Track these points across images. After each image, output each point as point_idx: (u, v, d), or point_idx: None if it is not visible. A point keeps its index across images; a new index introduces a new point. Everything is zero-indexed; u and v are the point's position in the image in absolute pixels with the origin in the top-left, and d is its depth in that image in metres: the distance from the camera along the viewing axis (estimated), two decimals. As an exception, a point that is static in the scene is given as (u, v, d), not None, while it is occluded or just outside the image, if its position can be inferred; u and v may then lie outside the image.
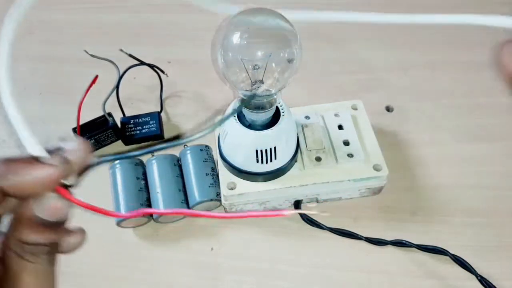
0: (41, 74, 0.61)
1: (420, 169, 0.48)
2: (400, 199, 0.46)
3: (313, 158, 0.44)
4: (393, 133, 0.52)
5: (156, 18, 0.68)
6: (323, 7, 0.66)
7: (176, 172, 0.46)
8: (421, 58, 0.59)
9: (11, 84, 0.23)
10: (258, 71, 0.36)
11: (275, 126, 0.40)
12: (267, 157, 0.41)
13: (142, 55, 0.57)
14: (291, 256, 0.43)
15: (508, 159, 0.49)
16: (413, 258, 0.42)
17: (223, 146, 0.44)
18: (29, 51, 0.63)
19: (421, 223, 0.45)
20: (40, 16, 0.69)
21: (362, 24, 0.64)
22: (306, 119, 0.46)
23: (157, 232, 0.46)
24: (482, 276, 0.40)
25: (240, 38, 0.35)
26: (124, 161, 0.46)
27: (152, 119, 0.52)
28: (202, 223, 0.46)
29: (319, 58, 0.59)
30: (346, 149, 0.44)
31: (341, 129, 0.46)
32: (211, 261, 0.44)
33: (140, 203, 0.44)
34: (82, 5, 0.70)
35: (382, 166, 0.44)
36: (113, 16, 0.68)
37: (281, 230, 0.45)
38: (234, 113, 0.40)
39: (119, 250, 0.45)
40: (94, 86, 0.53)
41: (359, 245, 0.43)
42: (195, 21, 0.66)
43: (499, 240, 0.43)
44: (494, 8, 0.64)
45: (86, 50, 0.60)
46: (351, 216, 0.45)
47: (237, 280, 0.42)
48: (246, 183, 0.43)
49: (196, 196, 0.44)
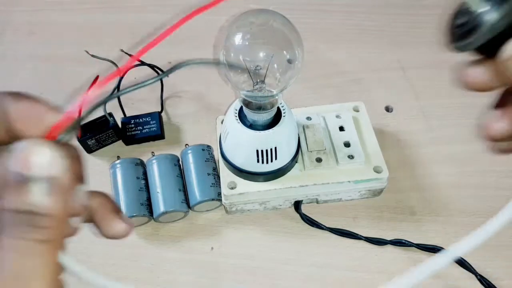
0: (42, 74, 0.61)
1: (420, 169, 0.48)
2: (400, 199, 0.46)
3: (314, 159, 0.44)
4: (393, 133, 0.52)
5: (156, 18, 0.68)
6: (323, 8, 0.67)
7: (176, 172, 0.46)
8: (421, 58, 0.60)
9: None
10: (260, 71, 0.36)
11: (276, 126, 0.40)
12: (268, 157, 0.41)
13: (142, 55, 0.57)
14: (291, 256, 0.44)
15: (508, 159, 0.49)
16: (413, 257, 0.43)
17: (224, 146, 0.44)
18: (30, 52, 0.64)
19: (421, 223, 0.45)
20: (41, 16, 0.69)
21: (362, 24, 0.64)
22: (307, 120, 0.46)
23: (157, 231, 0.46)
24: (482, 276, 0.40)
25: (242, 39, 0.35)
26: (125, 161, 0.46)
27: (152, 119, 0.52)
28: (202, 223, 0.46)
29: (320, 58, 0.60)
30: (347, 151, 0.44)
31: (342, 131, 0.46)
32: (211, 260, 0.44)
33: (140, 203, 0.44)
34: (83, 6, 0.70)
35: (382, 168, 0.44)
36: (113, 17, 0.68)
37: (281, 230, 0.45)
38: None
39: (119, 250, 0.45)
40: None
41: (359, 245, 0.44)
42: (196, 21, 0.66)
43: (499, 239, 0.43)
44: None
45: (87, 51, 0.60)
46: (350, 216, 0.46)
47: (237, 280, 0.42)
48: (246, 183, 0.43)
49: (197, 196, 0.44)
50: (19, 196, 0.16)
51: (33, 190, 0.16)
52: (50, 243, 0.17)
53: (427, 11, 0.65)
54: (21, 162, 0.16)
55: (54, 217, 0.17)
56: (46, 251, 0.16)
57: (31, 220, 0.16)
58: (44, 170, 0.16)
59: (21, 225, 0.16)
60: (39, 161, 0.16)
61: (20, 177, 0.16)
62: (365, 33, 0.63)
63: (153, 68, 0.56)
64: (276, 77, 0.37)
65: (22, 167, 0.16)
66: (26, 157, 0.16)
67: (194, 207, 0.45)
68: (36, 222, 0.16)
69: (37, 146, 0.17)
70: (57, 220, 0.17)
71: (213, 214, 0.47)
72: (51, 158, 0.17)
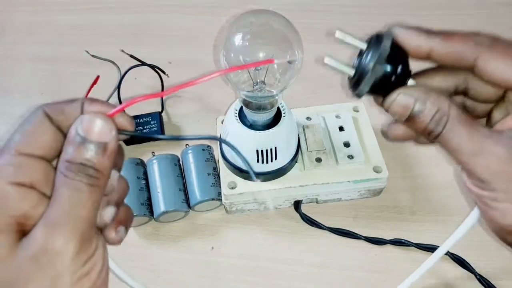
0: (42, 74, 0.61)
1: (420, 169, 0.48)
2: (399, 198, 0.47)
3: (314, 159, 0.44)
4: (393, 134, 0.52)
5: (157, 18, 0.68)
6: (323, 8, 0.67)
7: (177, 172, 0.46)
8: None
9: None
10: (260, 72, 0.36)
11: (276, 126, 0.40)
12: (268, 157, 0.41)
13: (143, 55, 0.58)
14: (291, 255, 0.44)
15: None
16: (413, 257, 0.43)
17: (224, 146, 0.44)
18: (31, 52, 0.64)
19: (420, 222, 0.45)
20: (41, 17, 0.69)
21: (362, 24, 0.64)
22: (307, 120, 0.47)
23: (158, 231, 0.46)
24: (482, 275, 0.40)
25: (242, 39, 0.35)
26: (125, 161, 0.46)
27: (153, 119, 0.53)
28: (203, 223, 0.46)
29: (320, 58, 0.60)
30: (347, 151, 0.44)
31: (342, 131, 0.46)
32: (211, 260, 0.44)
33: (140, 203, 0.44)
34: (84, 6, 0.70)
35: (382, 168, 0.44)
36: (114, 17, 0.68)
37: (281, 229, 0.45)
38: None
39: (119, 250, 0.45)
40: (96, 87, 0.54)
41: (359, 245, 0.44)
42: (196, 21, 0.66)
43: (499, 239, 0.43)
44: (494, 8, 0.65)
45: (88, 51, 0.61)
46: (350, 216, 0.46)
47: (237, 280, 0.43)
48: (246, 182, 0.43)
49: (197, 195, 0.44)
50: (78, 152, 0.21)
51: (88, 149, 0.21)
52: (94, 187, 0.22)
53: (427, 11, 0.65)
54: (84, 127, 0.22)
55: (99, 171, 0.22)
56: (90, 191, 0.21)
57: (83, 169, 0.21)
58: (99, 136, 0.22)
59: (76, 171, 0.21)
60: (97, 129, 0.22)
61: (81, 138, 0.21)
62: (365, 33, 0.63)
63: (154, 68, 0.56)
64: (276, 77, 0.37)
65: (84, 132, 0.21)
66: (88, 124, 0.22)
67: (195, 207, 0.45)
68: (86, 171, 0.21)
69: (97, 118, 0.22)
70: (101, 173, 0.22)
71: (213, 214, 0.47)
72: (106, 128, 0.22)
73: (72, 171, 0.21)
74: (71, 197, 0.21)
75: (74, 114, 0.23)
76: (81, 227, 0.21)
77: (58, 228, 0.21)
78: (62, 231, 0.21)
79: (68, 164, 0.21)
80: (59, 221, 0.21)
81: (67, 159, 0.21)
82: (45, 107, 0.23)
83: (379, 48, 0.25)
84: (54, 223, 0.21)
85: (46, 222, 0.21)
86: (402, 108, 0.25)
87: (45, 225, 0.21)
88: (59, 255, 0.21)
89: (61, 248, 0.21)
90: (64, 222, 0.21)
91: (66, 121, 0.23)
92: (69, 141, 0.22)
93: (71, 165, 0.21)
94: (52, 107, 0.23)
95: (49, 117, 0.23)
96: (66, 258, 0.21)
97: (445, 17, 0.64)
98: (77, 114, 0.23)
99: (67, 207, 0.21)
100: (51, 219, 0.21)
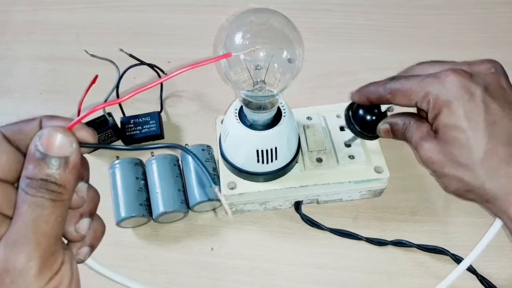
0: (41, 74, 0.61)
1: (420, 169, 0.48)
2: (400, 199, 0.46)
3: (314, 159, 0.44)
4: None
5: (156, 18, 0.68)
6: (323, 8, 0.67)
7: (176, 172, 0.46)
8: (420, 58, 0.59)
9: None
10: (260, 71, 0.36)
11: (276, 126, 0.40)
12: (268, 157, 0.41)
13: (142, 55, 0.57)
14: (291, 256, 0.43)
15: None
16: (413, 258, 0.43)
17: (224, 146, 0.44)
18: (29, 51, 0.63)
19: (421, 223, 0.45)
20: (40, 16, 0.69)
21: (362, 24, 0.64)
22: (307, 120, 0.46)
23: (157, 232, 0.45)
24: (483, 276, 0.40)
25: (243, 38, 0.35)
26: (124, 161, 0.46)
27: (152, 119, 0.52)
28: (202, 223, 0.46)
29: (320, 58, 0.60)
30: (348, 151, 0.44)
31: (342, 131, 0.46)
32: (211, 261, 0.44)
33: (139, 203, 0.44)
34: (82, 5, 0.70)
35: (383, 168, 0.44)
36: (113, 16, 0.68)
37: (281, 230, 0.45)
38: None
39: (119, 250, 0.45)
40: (94, 86, 0.53)
41: (359, 245, 0.44)
42: (195, 20, 0.66)
43: (500, 240, 0.43)
44: (494, 8, 0.64)
45: (86, 50, 0.60)
46: (351, 216, 0.45)
47: (237, 280, 0.42)
48: (246, 183, 0.43)
49: (197, 196, 0.44)
50: (39, 168, 0.21)
51: (49, 164, 0.21)
52: (57, 202, 0.22)
53: (427, 11, 0.65)
54: (44, 142, 0.21)
55: (62, 186, 0.22)
56: (52, 206, 0.21)
57: (44, 185, 0.21)
58: (59, 150, 0.22)
59: (37, 187, 0.21)
60: (57, 144, 0.22)
61: (41, 154, 0.21)
62: (365, 33, 0.63)
63: (153, 68, 0.56)
64: (276, 77, 0.37)
65: (44, 147, 0.21)
66: (47, 139, 0.21)
67: (194, 208, 0.45)
68: (47, 186, 0.21)
69: (56, 132, 0.22)
70: (64, 188, 0.22)
71: (213, 214, 0.46)
72: (66, 142, 0.22)
73: (33, 188, 0.21)
74: (32, 214, 0.21)
75: (33, 132, 0.23)
76: (44, 243, 0.21)
77: (19, 246, 0.21)
78: (23, 249, 0.21)
79: (29, 181, 0.21)
80: (20, 239, 0.21)
81: (27, 175, 0.21)
82: (2, 129, 0.23)
83: (352, 123, 0.40)
84: (15, 242, 0.21)
85: (7, 241, 0.21)
86: (385, 132, 0.38)
87: (6, 245, 0.21)
88: (22, 273, 0.20)
89: (23, 266, 0.20)
90: (26, 239, 0.21)
91: (25, 140, 0.23)
92: (29, 158, 0.22)
93: (32, 181, 0.21)
94: (9, 128, 0.23)
95: (6, 138, 0.23)
96: (29, 276, 0.21)
97: (445, 17, 0.64)
98: (36, 132, 0.23)
99: (29, 224, 0.21)
100: (12, 238, 0.21)
